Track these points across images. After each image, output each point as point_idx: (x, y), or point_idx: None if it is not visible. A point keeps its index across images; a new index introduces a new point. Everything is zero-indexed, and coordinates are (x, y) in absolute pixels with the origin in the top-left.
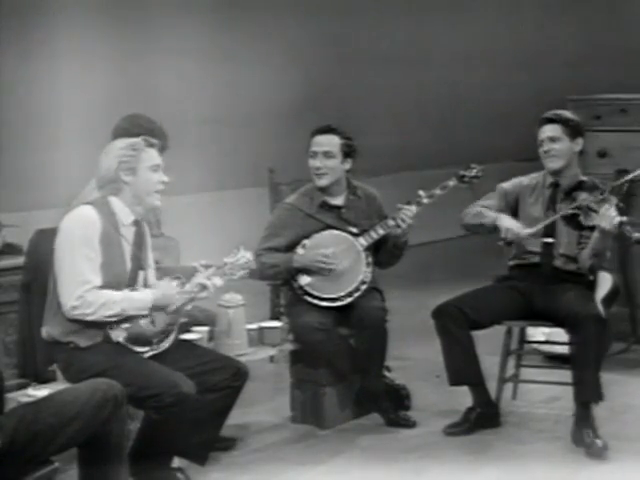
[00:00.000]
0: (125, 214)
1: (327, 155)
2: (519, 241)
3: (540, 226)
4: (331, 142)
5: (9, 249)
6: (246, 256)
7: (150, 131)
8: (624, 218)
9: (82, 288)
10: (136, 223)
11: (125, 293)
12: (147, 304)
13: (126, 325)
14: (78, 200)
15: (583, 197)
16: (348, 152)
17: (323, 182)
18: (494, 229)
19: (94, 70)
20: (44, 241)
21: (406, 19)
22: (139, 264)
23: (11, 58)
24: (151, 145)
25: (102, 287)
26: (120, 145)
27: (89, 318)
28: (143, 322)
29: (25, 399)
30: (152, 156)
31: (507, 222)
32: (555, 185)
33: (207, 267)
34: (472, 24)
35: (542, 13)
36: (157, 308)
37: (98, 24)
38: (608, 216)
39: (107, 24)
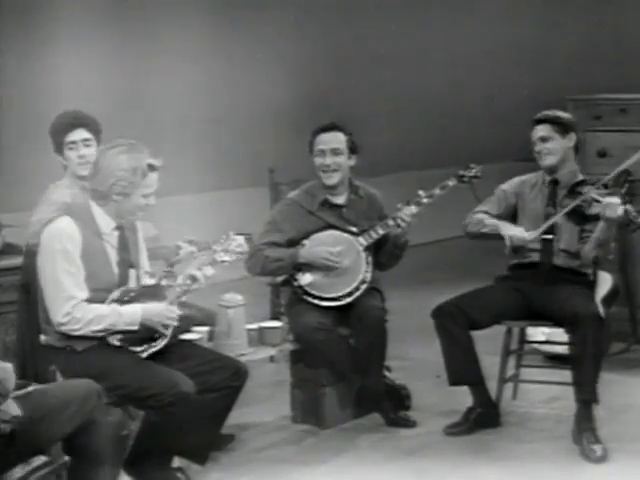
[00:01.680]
0: (106, 222)
1: (335, 152)
2: (526, 245)
3: (544, 226)
4: (337, 139)
5: (9, 249)
6: (237, 240)
7: (72, 121)
8: (629, 205)
9: (68, 304)
10: (118, 228)
11: (114, 307)
12: (136, 319)
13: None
14: (47, 203)
15: (587, 189)
16: (352, 148)
17: (333, 180)
18: (498, 237)
19: (96, 71)
20: None
21: (406, 18)
22: (128, 265)
23: (12, 58)
24: (154, 170)
25: (91, 296)
26: (124, 165)
27: (77, 333)
28: None
29: None
30: (149, 183)
31: (510, 230)
32: (554, 182)
33: (190, 242)
34: (472, 24)
35: (542, 13)
36: (147, 326)
37: (98, 24)
38: (613, 203)
39: (107, 24)
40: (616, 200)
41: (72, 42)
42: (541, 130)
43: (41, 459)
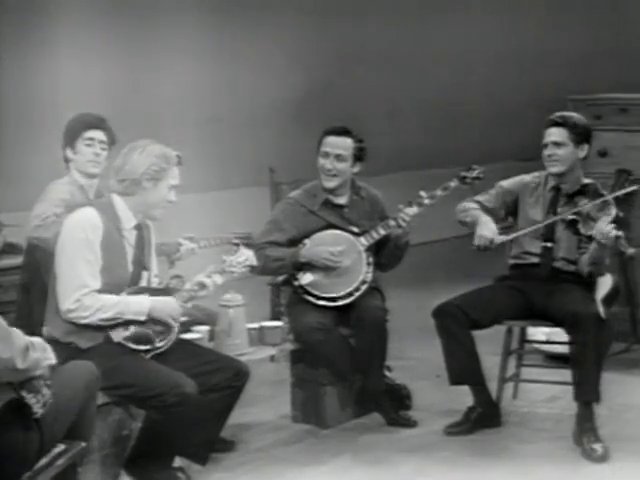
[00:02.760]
0: (128, 218)
1: (339, 158)
2: (491, 246)
3: (520, 233)
4: (344, 145)
5: (10, 249)
6: (246, 254)
7: (97, 122)
8: (620, 233)
9: (80, 292)
10: (137, 227)
11: (122, 297)
12: (144, 309)
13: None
14: (48, 199)
15: (584, 202)
16: (359, 156)
17: (331, 184)
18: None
19: (96, 70)
20: (42, 241)
21: (407, 19)
22: (142, 266)
23: (11, 58)
24: (179, 164)
25: (103, 289)
26: (157, 152)
27: (84, 321)
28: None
29: None
30: (176, 175)
31: (482, 228)
32: (557, 189)
33: (190, 239)
34: (473, 24)
35: (543, 13)
36: (156, 319)
37: (99, 23)
38: (604, 229)
39: (108, 24)
40: (608, 227)
41: (72, 41)
42: (556, 134)
43: (60, 446)
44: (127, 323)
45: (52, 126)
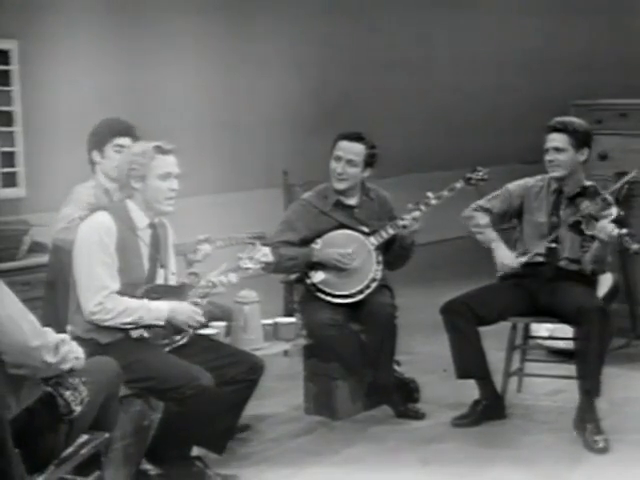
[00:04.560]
0: (140, 218)
1: (351, 163)
2: (513, 271)
3: (533, 253)
4: (357, 151)
5: (37, 247)
6: (262, 250)
7: (126, 129)
8: (623, 230)
9: (101, 294)
10: (151, 226)
11: (143, 302)
12: (163, 315)
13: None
14: (74, 201)
15: (585, 205)
16: (370, 162)
17: (341, 186)
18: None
19: (113, 74)
20: (66, 243)
21: (415, 26)
22: (158, 263)
23: (34, 63)
24: (164, 152)
25: (121, 289)
26: (134, 151)
27: (107, 323)
28: None
29: None
30: (163, 164)
31: (502, 256)
32: (559, 192)
33: (207, 240)
34: (479, 31)
35: (546, 19)
36: (173, 323)
37: (117, 28)
38: (607, 228)
39: (126, 28)
40: (610, 226)
41: (90, 44)
42: (557, 140)
43: (83, 437)
44: (144, 327)
45: (77, 130)
